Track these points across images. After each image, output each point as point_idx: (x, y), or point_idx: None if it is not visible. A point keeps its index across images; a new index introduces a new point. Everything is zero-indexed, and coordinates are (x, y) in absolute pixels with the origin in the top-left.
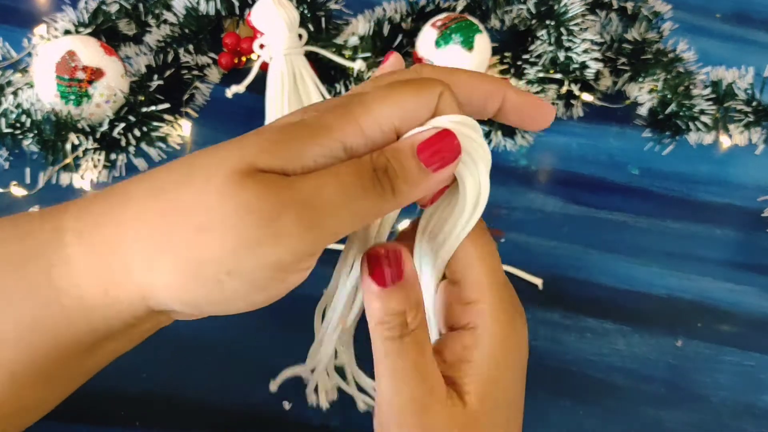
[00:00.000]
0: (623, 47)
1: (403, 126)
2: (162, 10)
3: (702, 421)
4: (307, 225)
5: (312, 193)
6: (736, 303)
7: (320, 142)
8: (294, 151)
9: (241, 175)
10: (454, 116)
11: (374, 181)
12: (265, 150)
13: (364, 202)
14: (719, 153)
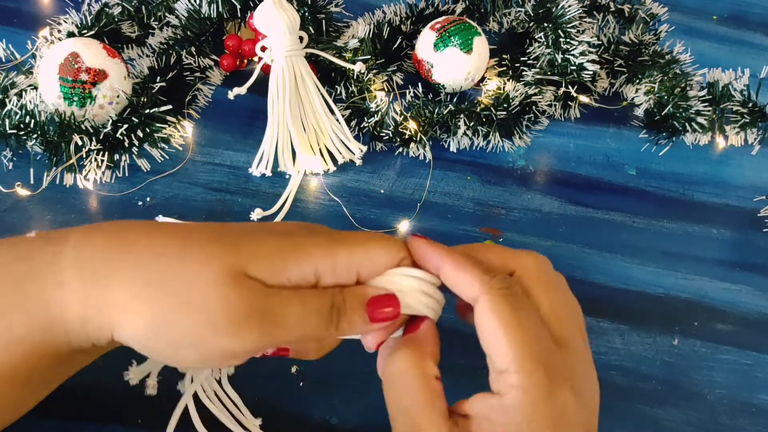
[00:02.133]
0: (620, 49)
1: (364, 273)
2: (165, 12)
3: (698, 420)
4: (265, 333)
5: (279, 311)
6: (733, 302)
7: (300, 265)
8: (278, 268)
9: (233, 276)
10: (412, 271)
11: (327, 318)
12: (256, 260)
13: (313, 330)
14: (715, 154)
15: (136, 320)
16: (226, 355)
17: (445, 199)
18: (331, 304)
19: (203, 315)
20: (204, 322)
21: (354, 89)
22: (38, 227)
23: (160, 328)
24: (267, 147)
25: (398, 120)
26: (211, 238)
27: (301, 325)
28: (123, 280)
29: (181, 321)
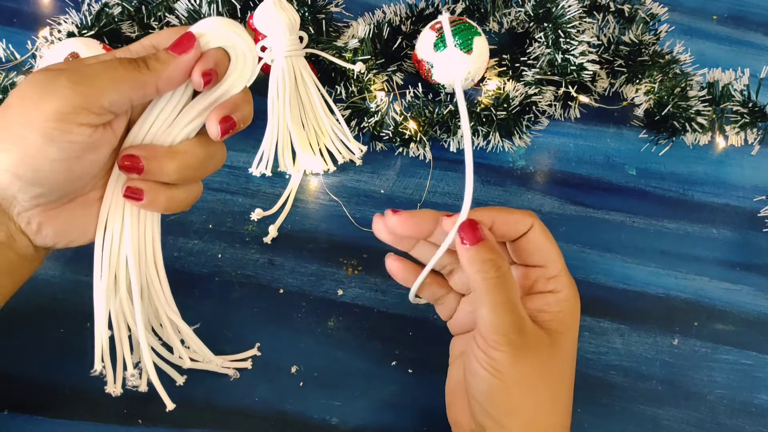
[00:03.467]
0: (620, 49)
1: (160, 46)
2: (164, 12)
3: (698, 420)
4: (75, 82)
5: (81, 66)
6: (733, 302)
7: (99, 57)
8: (78, 61)
9: (34, 72)
10: (211, 19)
11: (132, 60)
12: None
13: (123, 71)
14: (715, 154)
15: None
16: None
17: (445, 199)
18: (130, 57)
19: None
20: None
21: (354, 89)
22: None
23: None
24: (267, 147)
25: (398, 120)
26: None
27: (105, 70)
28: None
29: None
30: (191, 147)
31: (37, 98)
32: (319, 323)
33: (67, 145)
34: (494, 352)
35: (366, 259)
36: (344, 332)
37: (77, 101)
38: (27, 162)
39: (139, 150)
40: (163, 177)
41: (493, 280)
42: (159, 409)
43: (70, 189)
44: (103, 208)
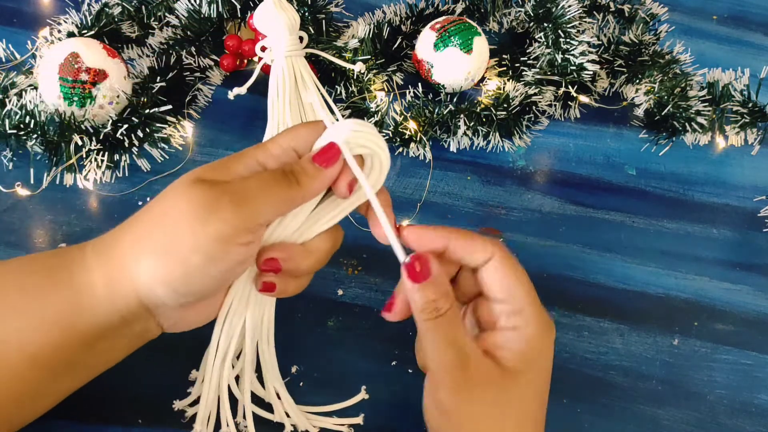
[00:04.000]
0: (620, 49)
1: (299, 148)
2: (165, 12)
3: (698, 420)
4: (237, 204)
5: (239, 186)
6: (733, 302)
7: (242, 161)
8: (225, 168)
9: (190, 183)
10: (347, 122)
11: (284, 175)
12: (205, 170)
13: (278, 189)
14: (715, 154)
15: (148, 263)
16: (221, 241)
17: (445, 199)
18: (282, 170)
19: (185, 221)
20: (189, 225)
21: (354, 89)
22: (38, 227)
23: (166, 253)
24: None
25: (398, 120)
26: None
27: (262, 189)
28: (130, 243)
29: (175, 236)
30: (321, 243)
31: (203, 220)
32: (319, 323)
33: (226, 264)
34: (438, 391)
35: (366, 259)
36: (344, 332)
37: (239, 223)
38: (187, 279)
39: (277, 252)
40: (298, 273)
41: (434, 321)
42: (159, 410)
43: (215, 292)
44: (229, 297)
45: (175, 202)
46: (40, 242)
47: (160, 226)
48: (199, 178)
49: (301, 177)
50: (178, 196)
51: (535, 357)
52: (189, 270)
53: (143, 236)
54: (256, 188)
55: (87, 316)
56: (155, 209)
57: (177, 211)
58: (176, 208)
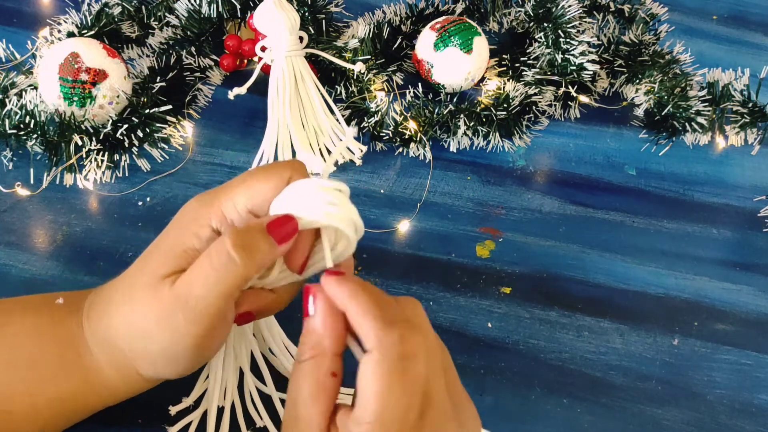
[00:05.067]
0: (620, 49)
1: (255, 208)
2: (164, 12)
3: (698, 420)
4: (192, 320)
5: (189, 293)
6: (733, 302)
7: (196, 232)
8: (179, 253)
9: (153, 289)
10: (304, 185)
11: (234, 264)
12: (163, 259)
13: (230, 277)
14: (715, 154)
15: (142, 362)
16: (195, 348)
17: (445, 199)
18: (233, 244)
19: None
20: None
21: (354, 89)
22: (38, 227)
23: (156, 357)
24: (267, 147)
25: (398, 120)
26: (137, 270)
27: (213, 287)
28: (120, 334)
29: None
30: (291, 286)
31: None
32: None
33: (212, 350)
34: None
35: (366, 259)
36: None
37: (201, 332)
38: (184, 369)
39: (249, 305)
40: (269, 313)
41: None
42: (159, 410)
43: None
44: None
45: (143, 309)
46: (40, 242)
47: (140, 330)
48: (161, 276)
49: (256, 254)
50: (146, 302)
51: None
52: (182, 366)
53: (132, 332)
54: (205, 290)
55: (97, 392)
56: (133, 302)
57: (147, 322)
58: (146, 318)
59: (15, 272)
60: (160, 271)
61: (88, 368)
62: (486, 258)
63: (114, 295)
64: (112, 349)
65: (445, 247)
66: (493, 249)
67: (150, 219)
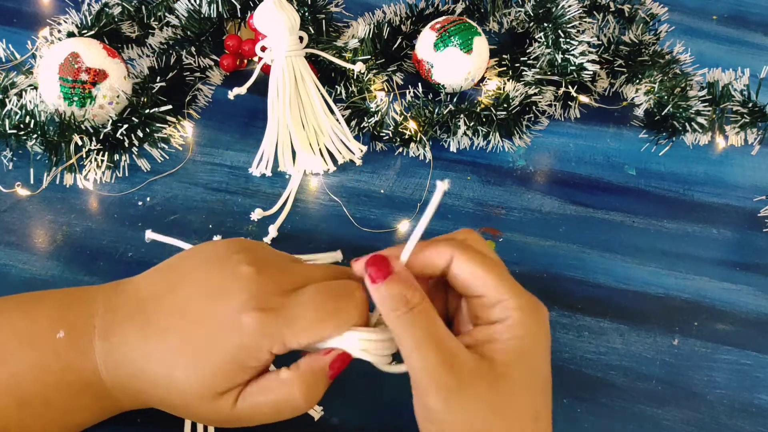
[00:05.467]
0: (620, 49)
1: (313, 344)
2: (164, 12)
3: (698, 420)
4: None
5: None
6: (733, 302)
7: (256, 356)
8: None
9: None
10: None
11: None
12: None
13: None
14: (715, 154)
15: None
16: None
17: (445, 199)
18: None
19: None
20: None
21: (354, 89)
22: (38, 227)
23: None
24: (267, 147)
25: (398, 120)
26: (183, 363)
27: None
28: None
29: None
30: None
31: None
32: None
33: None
34: (428, 399)
35: None
36: None
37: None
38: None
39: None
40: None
41: (406, 315)
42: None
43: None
44: None
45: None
46: (40, 242)
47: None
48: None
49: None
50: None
51: (525, 345)
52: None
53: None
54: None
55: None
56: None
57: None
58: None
59: (15, 272)
60: (218, 387)
61: (103, 407)
62: None
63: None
64: (141, 395)
65: None
66: (493, 249)
67: (150, 219)
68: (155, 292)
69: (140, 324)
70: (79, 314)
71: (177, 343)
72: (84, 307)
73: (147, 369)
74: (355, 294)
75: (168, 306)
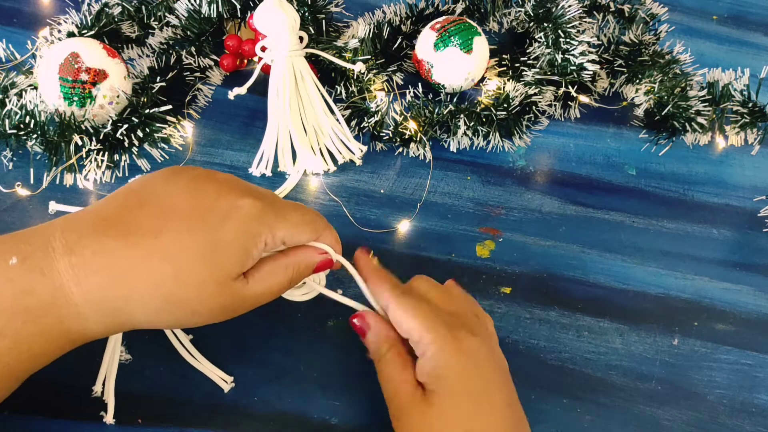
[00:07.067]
0: (620, 49)
1: (290, 244)
2: (165, 12)
3: (698, 420)
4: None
5: (258, 297)
6: (732, 302)
7: (257, 246)
8: (247, 263)
9: (221, 286)
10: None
11: (289, 284)
12: (230, 265)
13: (281, 293)
14: (715, 154)
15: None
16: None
17: (445, 199)
18: (289, 279)
19: (207, 316)
20: (208, 314)
21: (354, 89)
22: None
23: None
24: (267, 147)
25: (398, 120)
26: (192, 254)
27: (272, 297)
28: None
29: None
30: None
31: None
32: (319, 323)
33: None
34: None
35: None
36: (344, 332)
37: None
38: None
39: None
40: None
41: (379, 363)
42: (159, 409)
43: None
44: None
45: (208, 301)
46: None
47: (181, 309)
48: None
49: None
50: (212, 297)
51: (443, 372)
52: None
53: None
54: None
55: (70, 338)
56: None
57: (205, 309)
58: (205, 305)
59: None
60: (233, 270)
61: (72, 335)
62: (486, 258)
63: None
64: (112, 309)
65: (445, 247)
66: (493, 249)
67: None
68: (127, 206)
69: (120, 233)
70: (33, 242)
71: (179, 237)
72: (37, 236)
73: (142, 271)
74: (326, 221)
75: (152, 212)
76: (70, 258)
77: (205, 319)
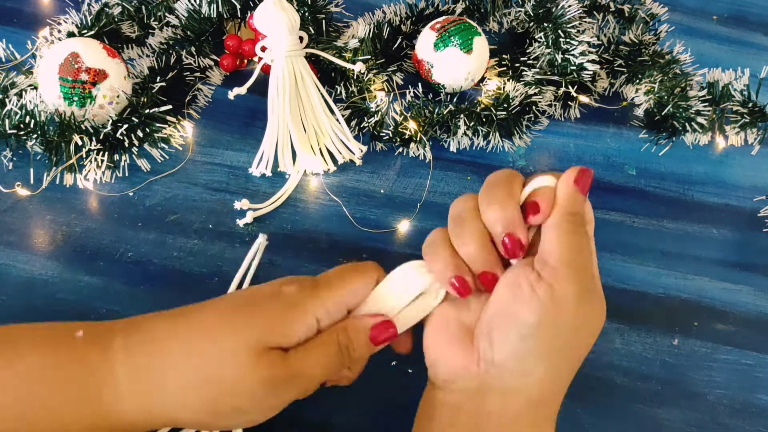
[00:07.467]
0: (620, 49)
1: (351, 305)
2: (165, 12)
3: (698, 420)
4: (299, 391)
5: (302, 370)
6: (733, 302)
7: (303, 321)
8: (288, 332)
9: (258, 355)
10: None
11: (340, 356)
12: (269, 331)
13: (332, 369)
14: (715, 154)
15: (194, 415)
16: (274, 410)
17: (445, 199)
18: (337, 347)
19: (249, 399)
20: (251, 402)
21: (354, 89)
22: (38, 227)
23: (215, 414)
24: (267, 147)
25: (398, 120)
26: (229, 323)
27: (321, 373)
28: (177, 381)
29: (232, 408)
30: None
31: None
32: None
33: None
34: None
35: (366, 259)
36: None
37: (296, 396)
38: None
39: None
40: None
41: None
42: None
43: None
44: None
45: (242, 374)
46: (40, 242)
47: (217, 390)
48: (265, 346)
49: (355, 355)
50: (247, 369)
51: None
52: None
53: (193, 389)
54: (316, 372)
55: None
56: (213, 364)
57: (244, 387)
58: (243, 383)
59: (15, 272)
60: (268, 342)
61: (106, 402)
62: None
63: (177, 337)
64: (149, 386)
65: None
66: None
67: (150, 219)
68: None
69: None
70: (101, 324)
71: (215, 313)
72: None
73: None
74: (368, 262)
75: (192, 312)
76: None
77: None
